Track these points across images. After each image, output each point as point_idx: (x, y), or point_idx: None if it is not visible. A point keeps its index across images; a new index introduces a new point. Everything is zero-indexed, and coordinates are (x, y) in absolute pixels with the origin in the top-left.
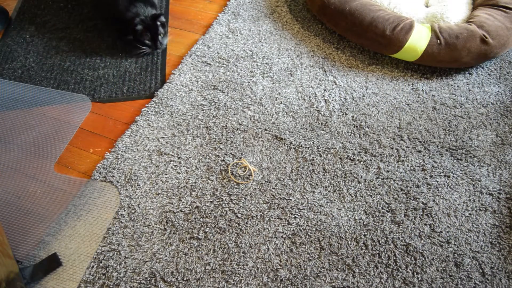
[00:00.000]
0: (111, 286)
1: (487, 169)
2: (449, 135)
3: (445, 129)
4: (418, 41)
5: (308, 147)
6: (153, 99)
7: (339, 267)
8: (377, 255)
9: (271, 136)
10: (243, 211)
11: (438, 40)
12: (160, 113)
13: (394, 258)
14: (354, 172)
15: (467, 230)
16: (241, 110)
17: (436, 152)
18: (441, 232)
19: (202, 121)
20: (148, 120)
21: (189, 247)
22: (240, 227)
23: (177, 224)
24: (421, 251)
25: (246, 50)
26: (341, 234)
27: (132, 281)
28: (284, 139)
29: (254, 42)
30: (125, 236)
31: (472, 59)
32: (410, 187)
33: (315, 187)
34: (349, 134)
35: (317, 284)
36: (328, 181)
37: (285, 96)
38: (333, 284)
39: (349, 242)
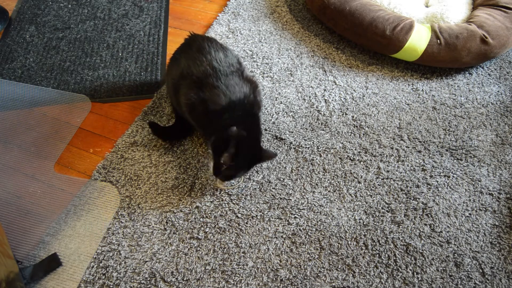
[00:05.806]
0: (111, 286)
1: (487, 169)
2: (449, 135)
3: (445, 129)
4: (418, 41)
5: (308, 147)
6: (153, 99)
7: (339, 267)
8: (377, 255)
9: (271, 136)
10: (243, 211)
11: (438, 40)
12: (160, 113)
13: (394, 258)
14: (354, 172)
15: (467, 230)
16: None
17: (436, 152)
18: (441, 232)
19: None
20: (148, 120)
21: (189, 247)
22: (240, 227)
23: (177, 224)
24: (421, 251)
25: (246, 50)
26: (341, 234)
27: (132, 281)
28: (284, 139)
29: (254, 42)
30: (125, 236)
31: (472, 59)
32: (410, 187)
33: (315, 187)
34: (349, 134)
35: (317, 284)
36: (328, 181)
37: (285, 96)
38: (333, 284)
39: (349, 242)
